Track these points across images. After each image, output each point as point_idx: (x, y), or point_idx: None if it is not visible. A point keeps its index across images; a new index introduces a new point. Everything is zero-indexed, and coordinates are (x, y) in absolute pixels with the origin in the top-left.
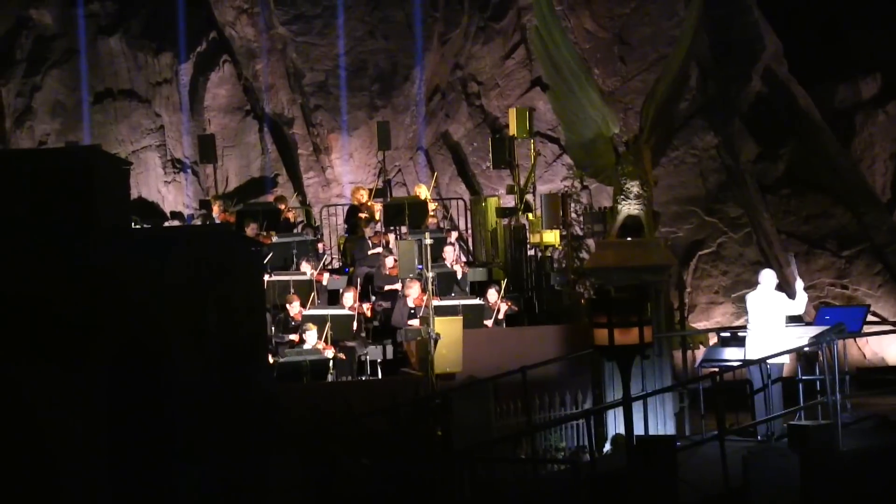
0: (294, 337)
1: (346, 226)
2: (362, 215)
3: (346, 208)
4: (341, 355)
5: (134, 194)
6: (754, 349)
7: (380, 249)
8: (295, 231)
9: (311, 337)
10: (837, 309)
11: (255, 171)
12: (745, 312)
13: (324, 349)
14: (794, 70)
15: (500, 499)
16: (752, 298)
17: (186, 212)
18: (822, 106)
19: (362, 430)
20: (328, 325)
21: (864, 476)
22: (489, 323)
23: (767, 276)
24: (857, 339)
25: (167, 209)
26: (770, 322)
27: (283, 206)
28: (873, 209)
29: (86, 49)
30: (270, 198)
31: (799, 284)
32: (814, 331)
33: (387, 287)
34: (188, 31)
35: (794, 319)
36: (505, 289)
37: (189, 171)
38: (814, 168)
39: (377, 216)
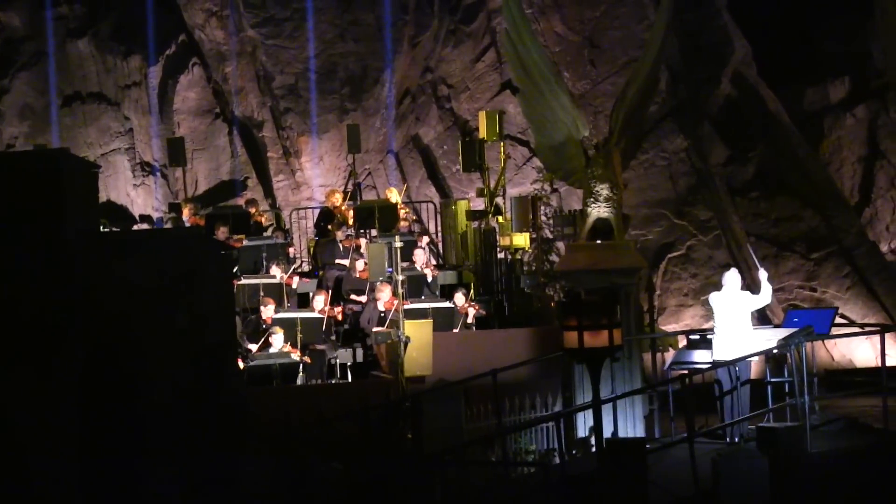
0: (253, 347)
1: (315, 229)
2: (333, 230)
3: (316, 211)
4: (307, 359)
5: (103, 197)
6: (721, 351)
7: (349, 253)
8: (265, 234)
9: (277, 341)
10: (806, 311)
11: (225, 175)
12: (712, 313)
13: (290, 352)
14: (764, 73)
15: (471, 502)
16: (716, 299)
17: (156, 215)
18: (791, 109)
19: (333, 434)
20: (298, 328)
21: (833, 478)
22: (457, 330)
23: (732, 277)
24: (826, 342)
25: (136, 212)
26: (736, 323)
27: (252, 210)
28: (842, 212)
29: (54, 52)
30: (240, 201)
31: (762, 275)
32: (782, 333)
33: (357, 289)
34: (157, 34)
35: (763, 320)
36: (475, 290)
37: (158, 174)
38: (783, 171)
39: (350, 220)
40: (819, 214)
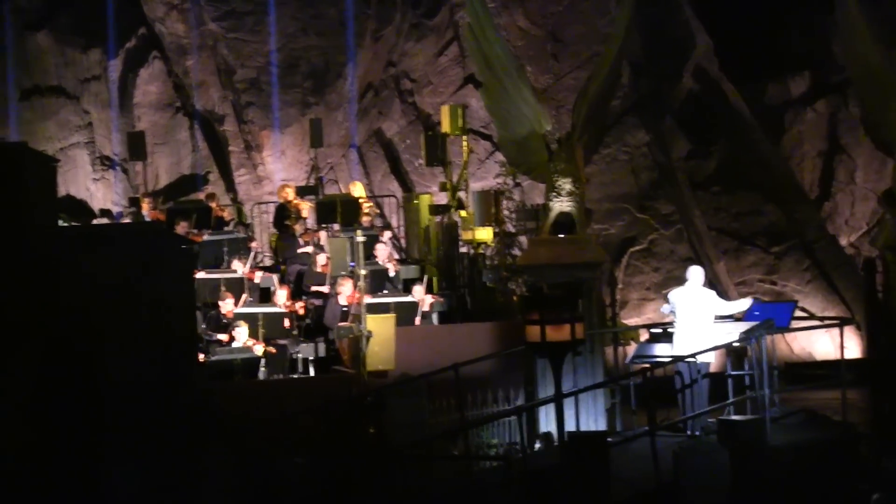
0: (224, 336)
1: (273, 224)
2: (290, 223)
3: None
4: (271, 349)
5: (62, 192)
6: (682, 345)
7: (309, 249)
8: (226, 229)
9: (241, 335)
10: (766, 304)
11: (186, 169)
12: (670, 305)
13: (254, 345)
14: (725, 68)
15: (434, 496)
16: (678, 294)
17: (115, 210)
18: (752, 104)
19: (295, 429)
20: (260, 322)
21: (793, 470)
22: (417, 320)
23: (695, 273)
24: (786, 335)
25: (96, 207)
26: (698, 318)
27: (214, 204)
28: (802, 206)
29: (13, 45)
30: (201, 195)
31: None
32: (743, 326)
33: (314, 288)
34: (117, 27)
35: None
36: (437, 285)
37: (118, 168)
38: (744, 165)
39: (304, 214)
40: (780, 208)
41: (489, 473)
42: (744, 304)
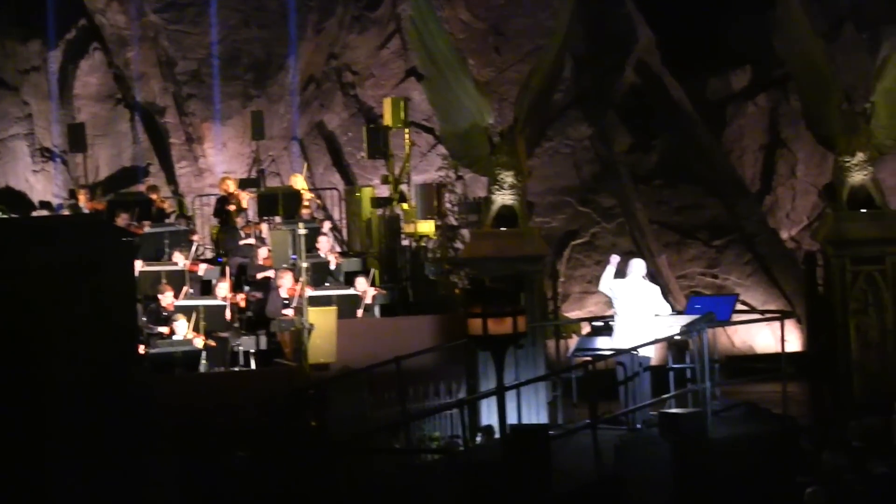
0: (165, 329)
1: (215, 216)
2: (231, 207)
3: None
4: (211, 342)
5: (1, 183)
6: (622, 338)
7: (251, 240)
8: (167, 221)
9: (181, 328)
10: (707, 298)
11: (127, 161)
12: (613, 298)
13: (194, 338)
14: (667, 62)
15: (376, 489)
16: (620, 286)
17: (55, 201)
18: (693, 98)
19: (236, 422)
20: (200, 315)
21: (734, 463)
22: (359, 312)
23: (637, 266)
24: (727, 328)
25: (36, 199)
26: (638, 311)
27: (155, 196)
28: (743, 200)
29: None
30: (142, 187)
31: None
32: (684, 319)
33: (259, 275)
34: (57, 18)
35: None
36: (378, 278)
37: (58, 160)
38: (686, 159)
39: (245, 206)
40: (721, 202)
41: (431, 467)
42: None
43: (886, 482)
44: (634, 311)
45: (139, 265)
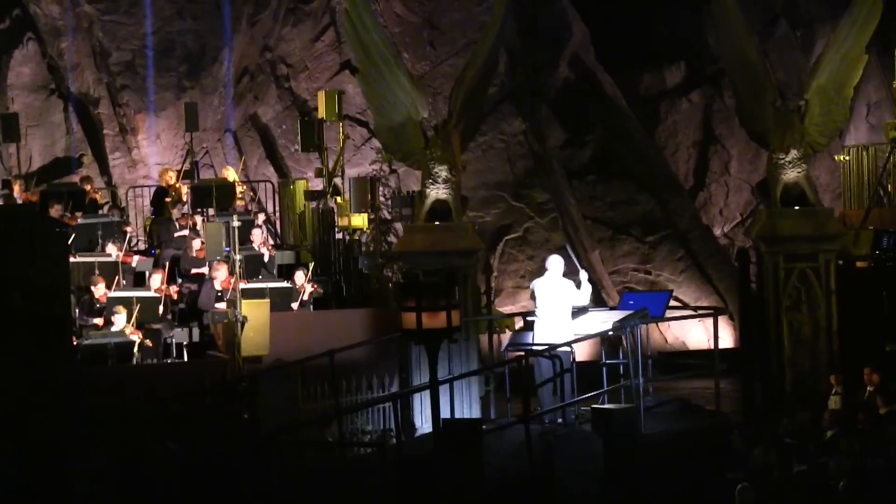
0: (99, 320)
1: (152, 207)
2: (169, 199)
3: (153, 189)
4: (148, 342)
5: None
6: (543, 336)
7: (186, 231)
8: (100, 212)
9: (119, 320)
10: (641, 294)
11: (60, 151)
12: (533, 299)
13: (131, 334)
14: (601, 58)
15: (308, 482)
16: (539, 285)
17: None
18: (627, 93)
19: (168, 414)
20: (135, 307)
21: (666, 458)
22: (295, 305)
23: (555, 263)
24: (660, 324)
25: None
26: (557, 309)
27: (88, 187)
28: (676, 196)
29: None
30: (75, 178)
31: (583, 275)
32: (618, 315)
33: (193, 270)
34: None
35: (598, 303)
36: (312, 272)
37: None
38: (619, 155)
39: (184, 198)
40: (654, 198)
41: (363, 460)
42: (586, 289)
43: (806, 480)
44: (553, 309)
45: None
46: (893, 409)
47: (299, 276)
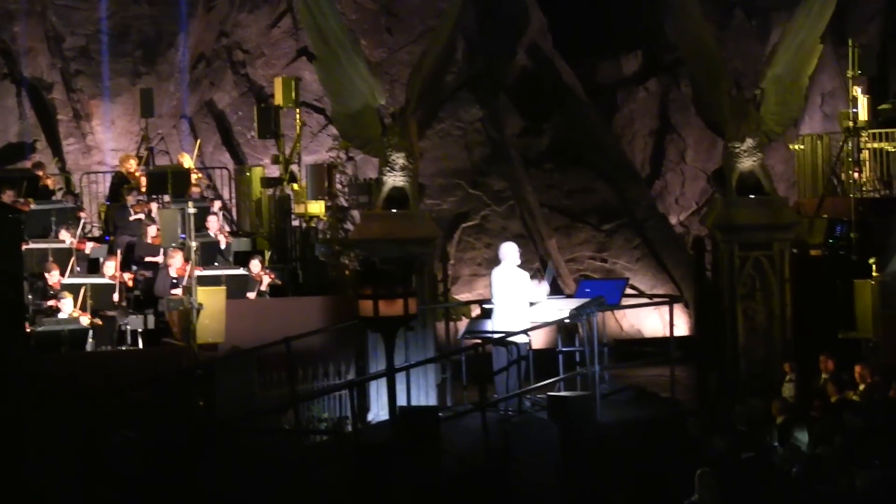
0: (53, 302)
1: (108, 194)
2: (128, 187)
3: (107, 176)
4: (97, 321)
5: None
6: (499, 323)
7: (141, 217)
8: (54, 198)
9: (66, 305)
10: (597, 282)
11: (13, 137)
12: (490, 287)
13: (80, 316)
14: (559, 46)
15: (264, 469)
16: (495, 273)
17: None
18: (585, 82)
19: (123, 402)
20: (87, 293)
21: (622, 446)
22: (252, 295)
23: (508, 251)
24: (616, 312)
25: None
26: (514, 297)
27: (41, 173)
28: (633, 184)
29: None
30: (28, 164)
31: (546, 278)
32: (574, 303)
33: (148, 258)
34: None
35: (555, 291)
36: (269, 259)
37: None
38: (576, 143)
39: (142, 185)
40: (611, 186)
41: (320, 447)
42: (543, 291)
43: (755, 467)
44: (508, 297)
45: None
46: (845, 397)
47: (255, 265)
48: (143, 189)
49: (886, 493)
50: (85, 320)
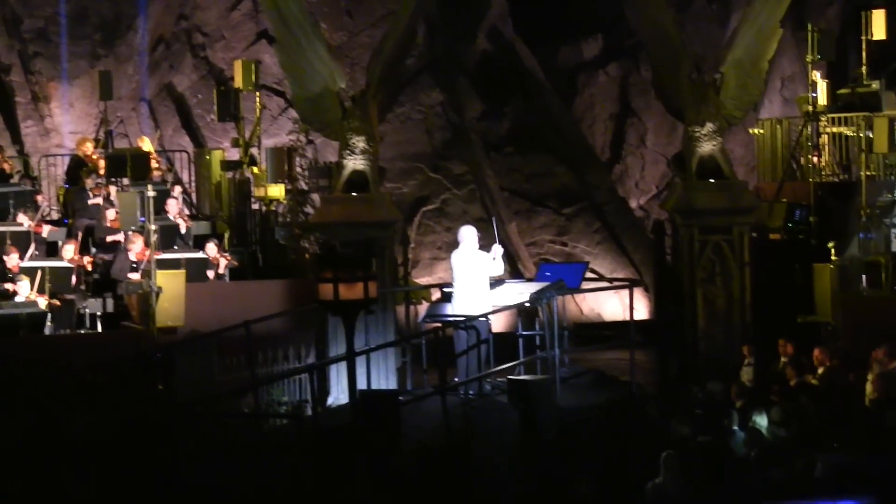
0: (11, 286)
1: (66, 177)
2: (87, 170)
3: (66, 159)
4: (55, 301)
5: None
6: (459, 307)
7: (100, 200)
8: (12, 181)
9: (23, 288)
10: (557, 265)
11: None
12: (451, 270)
13: (37, 297)
14: (519, 30)
15: (223, 453)
16: (455, 256)
17: None
18: (545, 66)
19: (82, 385)
20: (46, 276)
21: (582, 429)
22: (211, 274)
23: (467, 233)
24: (576, 296)
25: None
26: (474, 280)
27: None
28: (593, 168)
29: None
30: None
31: (496, 250)
32: (534, 287)
33: (109, 238)
34: None
35: (515, 274)
36: (229, 243)
37: None
38: (537, 127)
39: (101, 168)
40: (571, 170)
41: (279, 431)
42: (499, 264)
43: (714, 451)
44: (470, 280)
45: None
46: (804, 381)
47: (211, 248)
48: (101, 172)
49: (845, 478)
50: (42, 302)
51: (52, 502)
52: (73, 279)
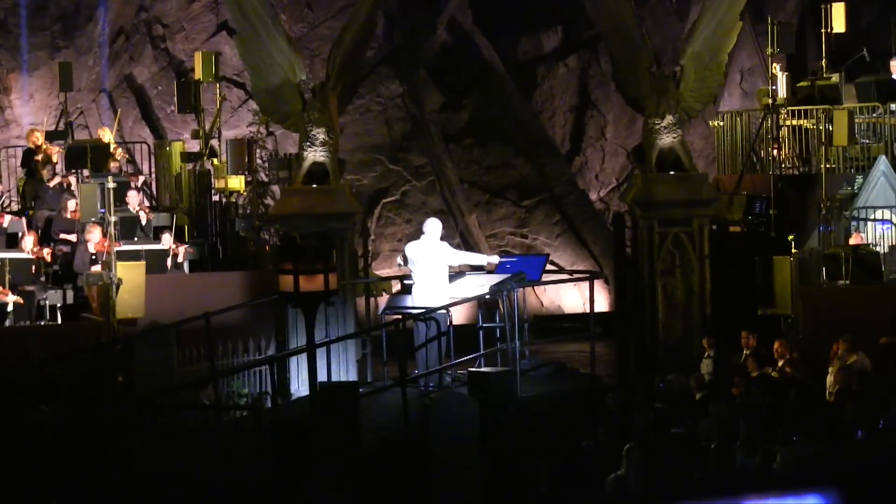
0: None
1: (23, 169)
2: (38, 157)
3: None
4: (19, 299)
5: None
6: (419, 299)
7: (60, 193)
8: None
9: None
10: (518, 258)
11: None
12: (406, 262)
13: (2, 294)
14: (479, 21)
15: (182, 445)
16: (413, 248)
17: None
18: (505, 57)
19: (41, 377)
20: (7, 269)
21: (542, 421)
22: (168, 261)
23: (432, 226)
24: (536, 288)
25: None
26: (434, 272)
27: None
28: (553, 160)
29: None
30: None
31: (494, 259)
32: (494, 279)
33: (63, 236)
34: None
35: (475, 266)
36: (189, 235)
37: None
38: (496, 119)
39: (55, 158)
40: (531, 162)
41: (239, 423)
42: (478, 258)
43: (682, 442)
44: (430, 272)
45: None
46: (764, 373)
47: (166, 239)
48: (55, 161)
49: (806, 470)
50: (10, 298)
51: (9, 493)
52: (33, 270)
